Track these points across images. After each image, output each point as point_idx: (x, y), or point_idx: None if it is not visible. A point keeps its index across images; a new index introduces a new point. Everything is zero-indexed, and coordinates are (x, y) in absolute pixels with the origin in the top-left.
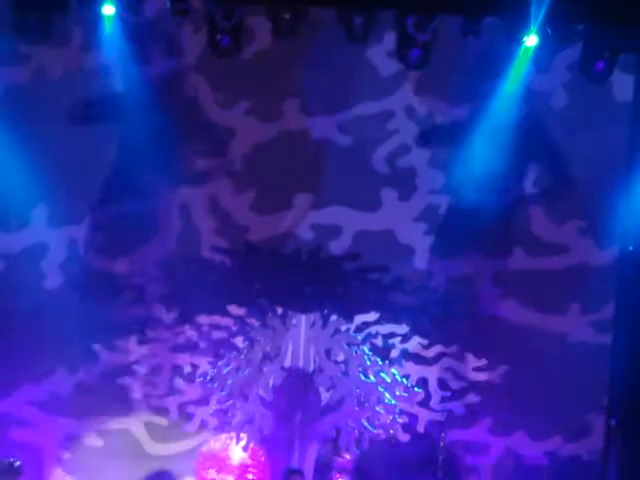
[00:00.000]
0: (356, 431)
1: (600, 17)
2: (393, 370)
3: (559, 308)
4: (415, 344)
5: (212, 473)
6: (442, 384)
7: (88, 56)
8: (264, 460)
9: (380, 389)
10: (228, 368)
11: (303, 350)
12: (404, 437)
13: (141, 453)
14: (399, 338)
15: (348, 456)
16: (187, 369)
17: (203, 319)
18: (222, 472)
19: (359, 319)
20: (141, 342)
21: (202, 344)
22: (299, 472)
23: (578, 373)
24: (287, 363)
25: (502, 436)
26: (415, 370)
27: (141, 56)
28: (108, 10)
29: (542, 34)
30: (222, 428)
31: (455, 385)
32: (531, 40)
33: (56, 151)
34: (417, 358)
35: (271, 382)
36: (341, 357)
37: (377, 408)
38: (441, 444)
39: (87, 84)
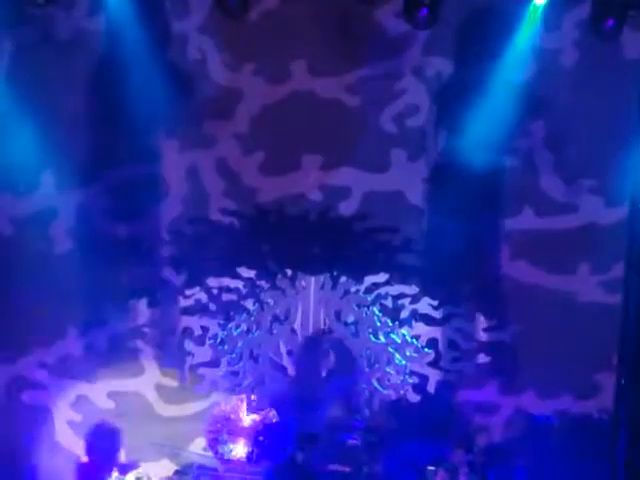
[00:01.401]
0: (367, 392)
1: None
2: (403, 331)
3: (569, 268)
4: (425, 305)
5: (223, 435)
6: (452, 344)
7: (95, 18)
8: (274, 422)
9: (390, 350)
10: (238, 330)
11: (313, 312)
12: (414, 398)
13: (152, 415)
14: (409, 299)
15: (358, 417)
16: (197, 331)
17: (213, 281)
18: (233, 434)
19: (369, 280)
20: (151, 305)
21: (212, 306)
22: (313, 436)
23: (588, 332)
24: (297, 325)
25: (512, 396)
26: (425, 331)
27: (148, 18)
28: None
29: None
30: (232, 390)
31: (465, 345)
32: None
33: (64, 114)
34: (427, 319)
35: (281, 344)
36: (351, 318)
37: (387, 369)
38: (452, 404)
39: (94, 46)
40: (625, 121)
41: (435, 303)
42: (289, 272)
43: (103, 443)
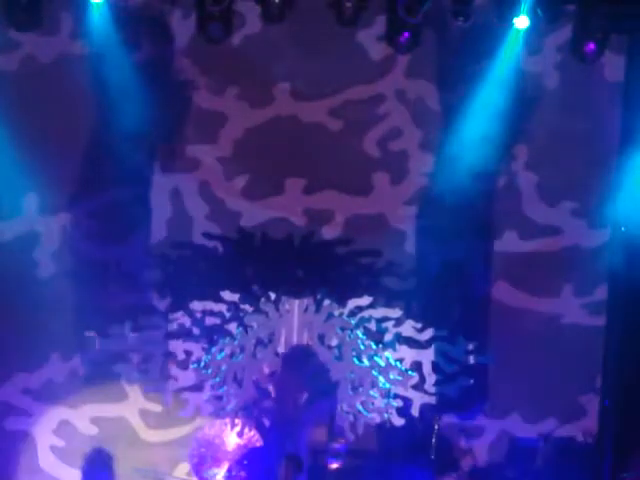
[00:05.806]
0: (350, 416)
1: None
2: (387, 354)
3: (552, 290)
4: (409, 328)
5: (207, 459)
6: (436, 367)
7: (77, 43)
8: (259, 446)
9: (374, 373)
10: (222, 354)
11: (297, 335)
12: (398, 421)
13: (136, 440)
14: (392, 322)
15: (342, 441)
16: (181, 356)
17: (196, 305)
18: (217, 458)
19: (352, 303)
20: (134, 329)
21: (195, 330)
22: (297, 460)
23: (572, 355)
24: (281, 348)
25: (496, 419)
26: (409, 354)
27: (130, 43)
28: None
29: (532, 15)
30: (216, 414)
31: (449, 368)
32: (522, 21)
33: (46, 138)
34: (411, 342)
35: (265, 368)
36: (335, 342)
37: (371, 392)
38: (435, 427)
39: (77, 71)
40: (607, 143)
41: (419, 326)
42: (273, 296)
43: (98, 472)
